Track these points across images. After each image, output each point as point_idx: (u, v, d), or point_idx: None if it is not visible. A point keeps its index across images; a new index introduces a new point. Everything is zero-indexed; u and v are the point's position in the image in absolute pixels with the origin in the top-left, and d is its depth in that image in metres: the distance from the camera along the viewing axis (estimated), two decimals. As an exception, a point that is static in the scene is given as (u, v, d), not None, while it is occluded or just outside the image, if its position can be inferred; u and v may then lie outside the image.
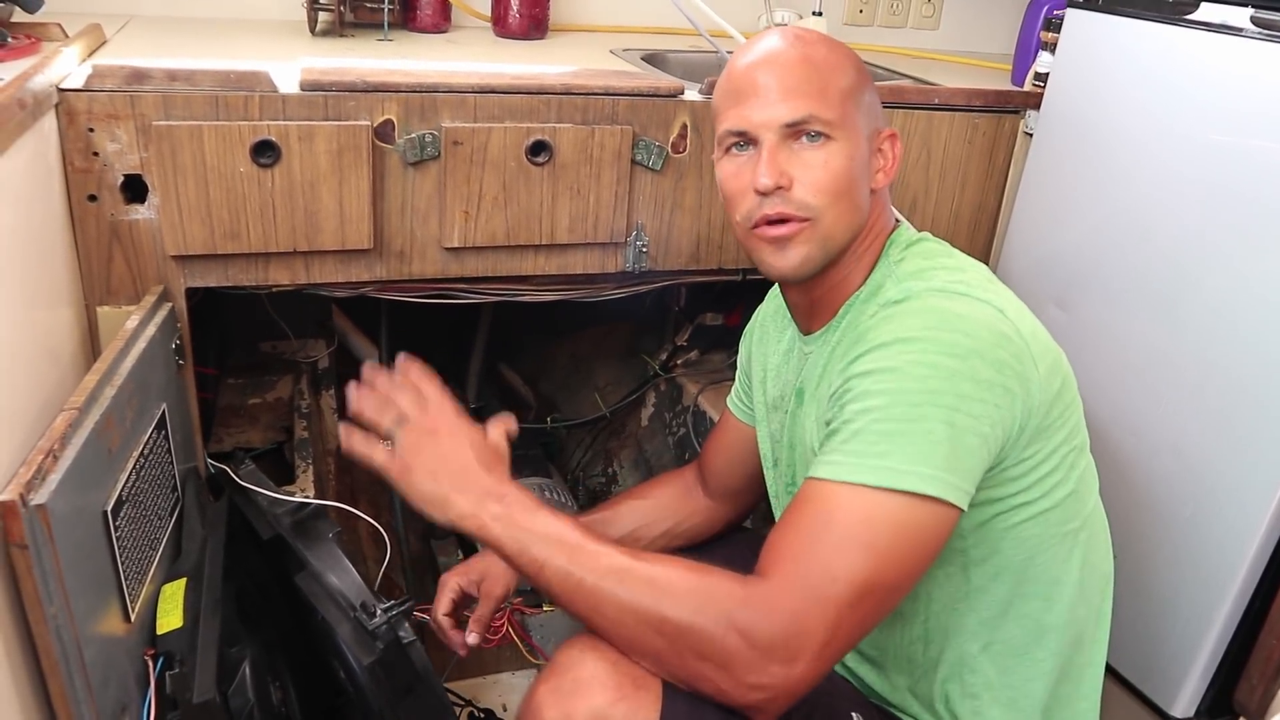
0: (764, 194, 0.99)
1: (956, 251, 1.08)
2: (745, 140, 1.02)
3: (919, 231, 1.11)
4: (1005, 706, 1.05)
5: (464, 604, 1.29)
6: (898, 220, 1.12)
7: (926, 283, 0.99)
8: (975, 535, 0.99)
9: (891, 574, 0.87)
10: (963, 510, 0.90)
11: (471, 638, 1.26)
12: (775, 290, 1.26)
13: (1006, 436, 0.92)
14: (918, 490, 0.87)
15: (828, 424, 0.96)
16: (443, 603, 1.27)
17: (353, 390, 1.02)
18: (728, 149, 1.04)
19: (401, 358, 1.04)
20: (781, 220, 1.00)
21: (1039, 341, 0.97)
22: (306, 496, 1.35)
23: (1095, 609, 1.09)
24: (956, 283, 0.98)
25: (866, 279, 1.06)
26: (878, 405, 0.90)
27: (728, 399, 1.36)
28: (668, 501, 1.37)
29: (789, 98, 0.98)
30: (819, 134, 0.99)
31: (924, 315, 0.95)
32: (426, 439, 0.98)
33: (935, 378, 0.89)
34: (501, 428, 1.04)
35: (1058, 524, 1.00)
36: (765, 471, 1.24)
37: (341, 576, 1.18)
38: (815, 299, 1.09)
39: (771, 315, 1.25)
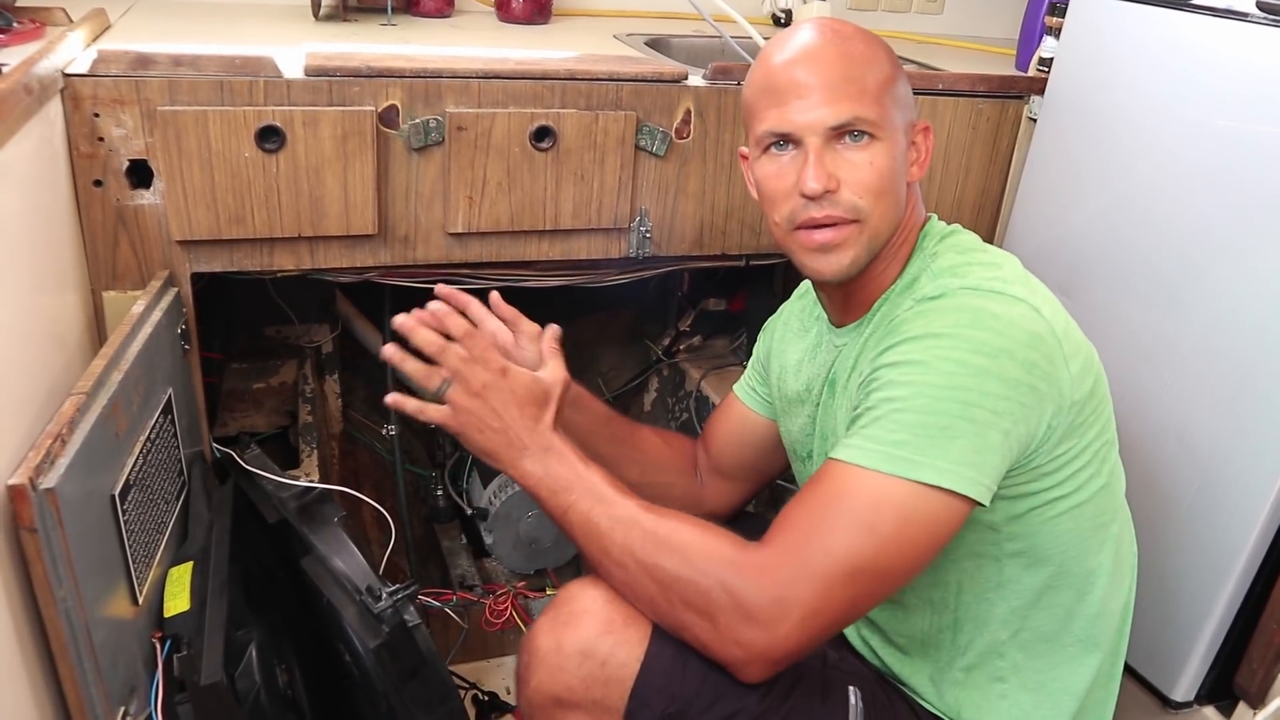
0: (811, 198, 0.98)
1: (989, 245, 1.07)
2: (786, 140, 1.01)
3: (948, 224, 1.10)
4: (1033, 691, 1.06)
5: None
6: (929, 214, 1.12)
7: (962, 280, 0.98)
8: (1010, 528, 0.99)
9: (890, 559, 0.88)
10: (981, 504, 0.90)
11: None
12: (803, 289, 1.26)
13: (1031, 435, 0.92)
14: (929, 481, 0.88)
15: (854, 409, 0.97)
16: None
17: (394, 353, 1.03)
18: (766, 148, 1.03)
19: (449, 314, 1.06)
20: (829, 224, 1.00)
21: (1071, 341, 0.96)
22: (311, 481, 1.36)
23: (1124, 600, 1.10)
24: (992, 279, 0.97)
25: (902, 272, 1.06)
26: (900, 395, 0.91)
27: (736, 385, 1.36)
28: (678, 459, 1.36)
29: (832, 100, 0.97)
30: (863, 133, 0.98)
31: (957, 313, 0.94)
32: (474, 400, 1.01)
33: (962, 374, 0.90)
34: (556, 366, 1.09)
35: (1091, 517, 1.01)
36: (794, 465, 1.25)
37: (347, 560, 1.19)
38: (851, 293, 1.09)
39: (796, 314, 1.25)
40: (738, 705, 0.94)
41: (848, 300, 1.10)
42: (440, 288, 1.14)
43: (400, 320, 1.05)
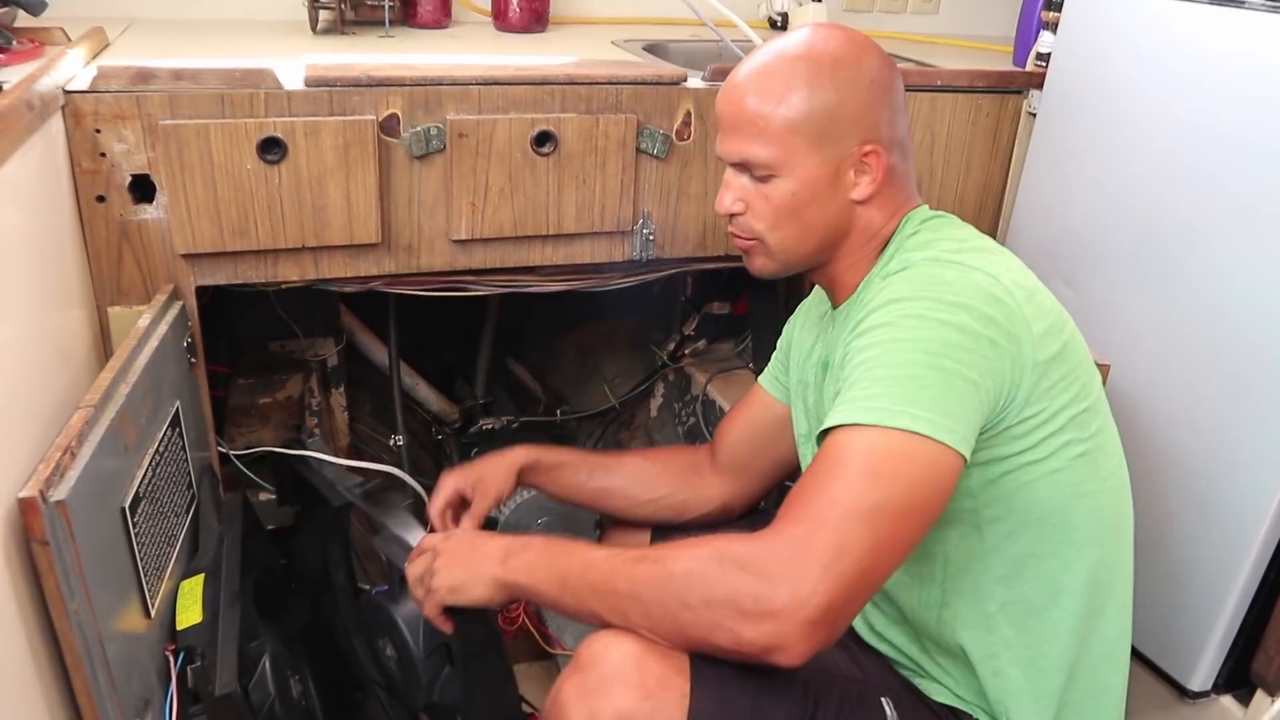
0: (722, 215, 1.10)
1: (969, 226, 1.10)
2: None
3: (936, 210, 1.12)
4: (1024, 666, 1.05)
5: (460, 506, 1.31)
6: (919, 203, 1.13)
7: (924, 253, 1.03)
8: (985, 494, 1.00)
9: (901, 499, 0.87)
10: (964, 456, 0.90)
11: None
12: None
13: (999, 389, 0.94)
14: (909, 429, 0.88)
15: (836, 386, 0.99)
16: (438, 500, 1.29)
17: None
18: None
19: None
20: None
21: (1035, 305, 0.98)
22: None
23: (1118, 574, 1.09)
24: (953, 252, 1.01)
25: (880, 256, 1.09)
26: (870, 356, 0.94)
27: (760, 376, 1.37)
28: (671, 470, 1.37)
29: (733, 139, 1.06)
30: (762, 168, 1.05)
31: (915, 280, 0.98)
32: (441, 560, 1.08)
33: (922, 327, 0.93)
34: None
35: (1071, 485, 1.01)
36: (800, 449, 1.25)
37: (418, 539, 1.19)
38: (828, 282, 1.14)
39: (815, 302, 1.28)
40: None
41: (830, 286, 1.15)
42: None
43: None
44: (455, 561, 1.07)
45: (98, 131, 1.17)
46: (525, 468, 1.32)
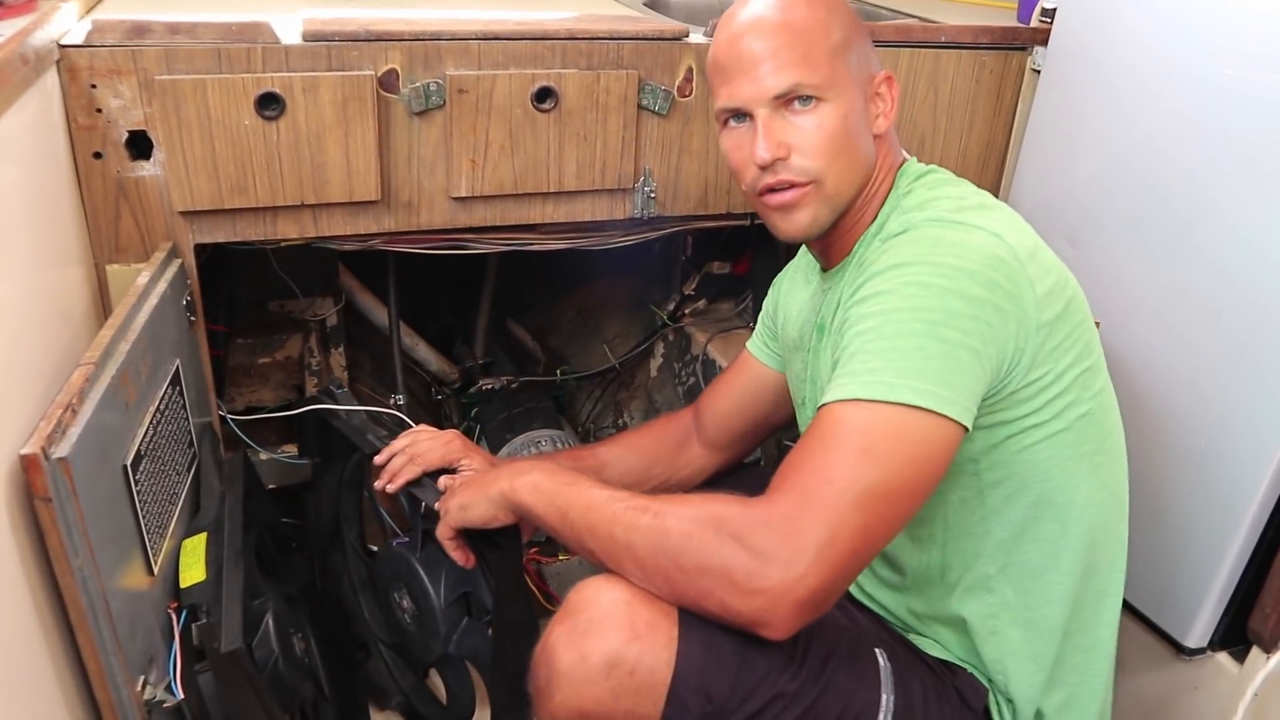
0: (763, 167, 1.02)
1: (964, 181, 1.09)
2: (739, 114, 1.04)
3: (927, 165, 1.12)
4: (1023, 627, 1.06)
5: None
6: (907, 156, 1.13)
7: (925, 213, 1.01)
8: (989, 458, 1.00)
9: (893, 481, 0.87)
10: (966, 427, 0.90)
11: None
12: None
13: (1002, 356, 0.93)
14: (910, 403, 0.88)
15: (835, 353, 0.98)
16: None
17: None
18: (724, 122, 1.07)
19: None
20: (786, 186, 1.03)
21: (1038, 264, 0.97)
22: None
23: (1112, 533, 1.10)
24: (954, 210, 0.99)
25: (877, 215, 1.08)
26: (871, 326, 0.92)
27: (748, 342, 1.36)
28: (661, 454, 1.38)
29: (774, 70, 1.00)
30: (809, 98, 1.01)
31: (917, 244, 0.97)
32: (460, 485, 1.15)
33: (924, 296, 0.91)
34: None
35: (1072, 446, 1.01)
36: (796, 412, 1.26)
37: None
38: (830, 241, 1.11)
39: (802, 267, 1.27)
40: (774, 690, 0.92)
41: (829, 248, 1.13)
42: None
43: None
44: (470, 484, 1.12)
45: (93, 87, 1.15)
46: None
